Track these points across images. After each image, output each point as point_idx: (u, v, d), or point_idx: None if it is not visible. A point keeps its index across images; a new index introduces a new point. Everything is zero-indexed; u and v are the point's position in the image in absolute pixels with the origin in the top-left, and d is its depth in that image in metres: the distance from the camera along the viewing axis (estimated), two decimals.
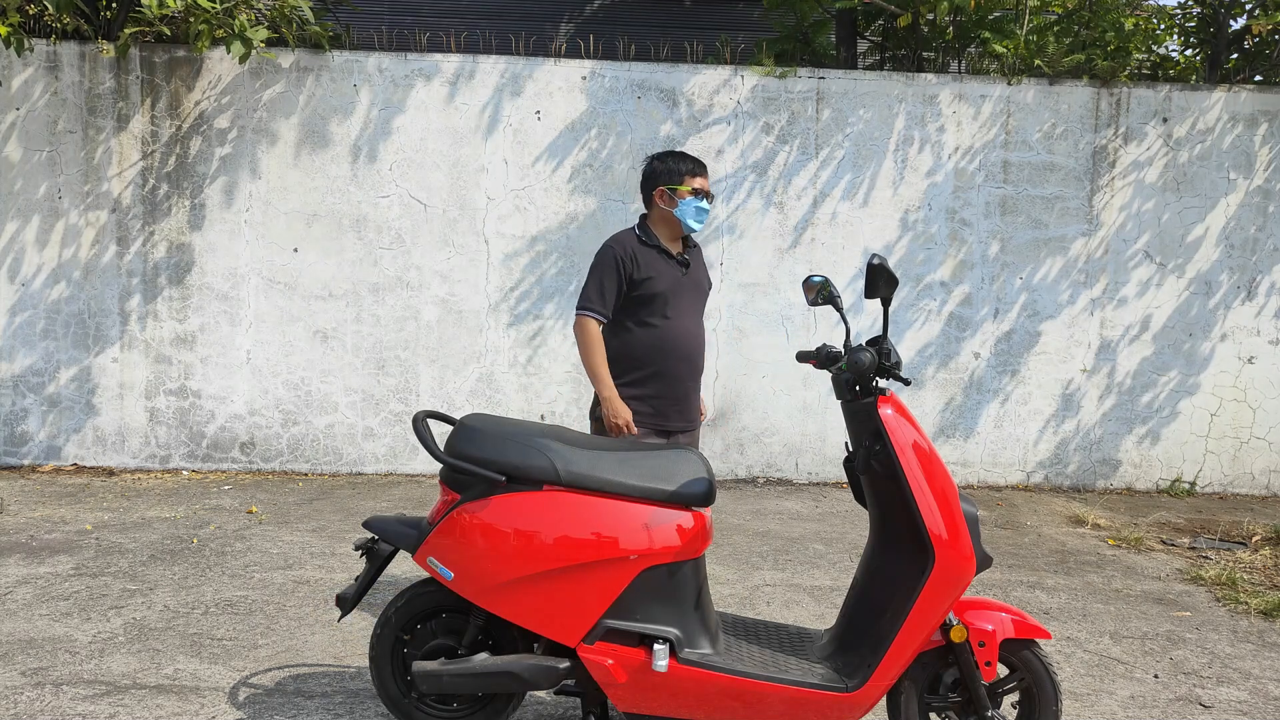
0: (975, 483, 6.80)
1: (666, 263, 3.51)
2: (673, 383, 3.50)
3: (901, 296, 6.66)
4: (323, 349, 6.50)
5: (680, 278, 3.53)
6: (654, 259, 3.49)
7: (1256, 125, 6.66)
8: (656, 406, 3.49)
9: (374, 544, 2.96)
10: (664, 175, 3.54)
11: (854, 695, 2.62)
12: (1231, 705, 3.44)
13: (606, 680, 2.63)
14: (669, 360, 3.48)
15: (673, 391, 3.50)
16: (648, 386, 3.48)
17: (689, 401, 3.57)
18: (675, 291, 3.50)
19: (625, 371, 3.48)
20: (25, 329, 6.39)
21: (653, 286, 3.45)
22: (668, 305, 3.48)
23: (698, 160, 3.60)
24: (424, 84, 6.43)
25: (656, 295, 3.46)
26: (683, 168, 3.54)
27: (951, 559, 2.57)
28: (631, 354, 3.48)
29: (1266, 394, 6.81)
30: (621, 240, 3.52)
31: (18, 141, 6.31)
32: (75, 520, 5.24)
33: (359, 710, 3.14)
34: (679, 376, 3.50)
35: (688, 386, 3.55)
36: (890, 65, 7.53)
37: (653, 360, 3.47)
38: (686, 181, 3.52)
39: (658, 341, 3.47)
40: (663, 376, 3.48)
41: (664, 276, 3.48)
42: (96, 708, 3.10)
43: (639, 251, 3.48)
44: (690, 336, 3.54)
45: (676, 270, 3.53)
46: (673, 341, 3.48)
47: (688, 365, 3.52)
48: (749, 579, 4.62)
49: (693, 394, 3.58)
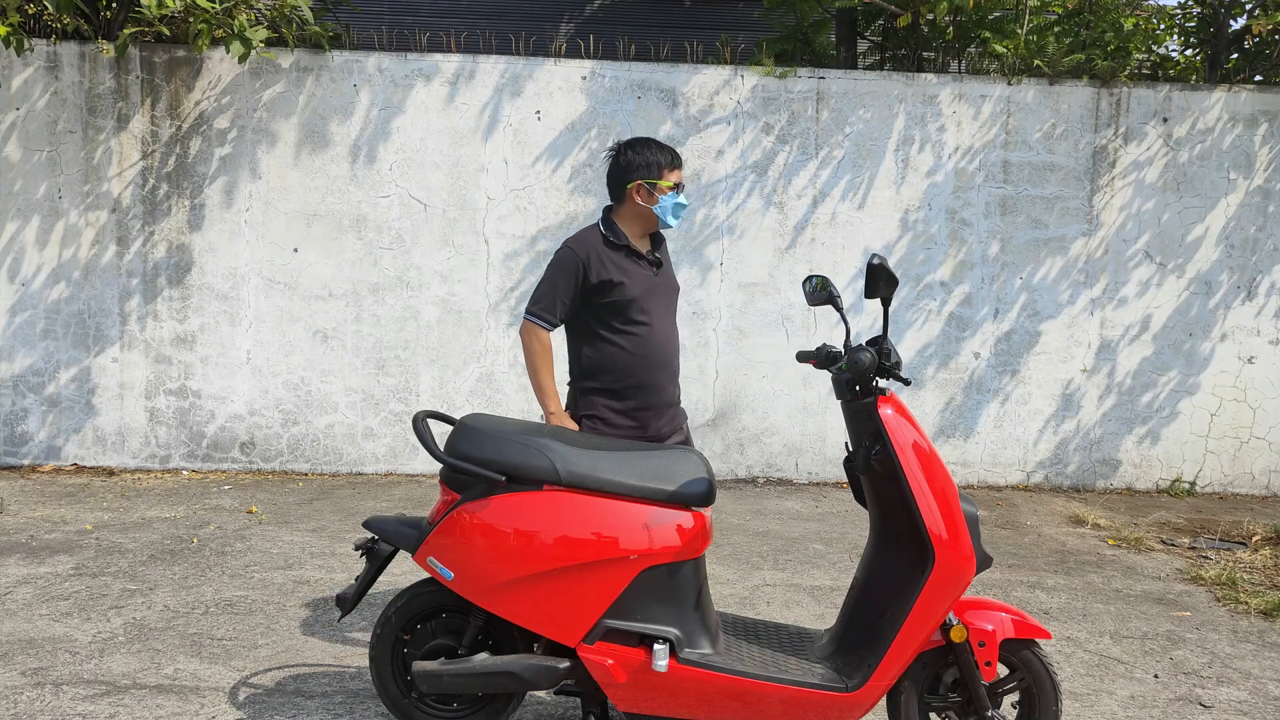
0: (975, 483, 6.80)
1: (637, 264, 3.24)
2: (654, 391, 3.27)
3: (901, 296, 6.66)
4: (323, 349, 6.50)
5: (653, 279, 3.28)
6: (622, 261, 3.22)
7: (1256, 125, 6.66)
8: (640, 418, 3.26)
9: (374, 544, 2.96)
10: (641, 168, 3.22)
11: (854, 695, 2.62)
12: (1231, 705, 3.44)
13: (606, 680, 2.63)
14: (650, 369, 3.25)
15: (655, 400, 3.28)
16: (631, 399, 3.25)
17: (673, 407, 3.37)
18: (649, 295, 3.25)
19: (607, 384, 3.25)
20: (25, 329, 6.39)
21: (624, 292, 3.19)
22: (643, 310, 3.23)
23: (674, 151, 3.31)
24: (424, 84, 6.43)
25: (631, 301, 3.20)
26: (662, 159, 3.24)
27: (951, 559, 2.57)
28: (612, 366, 3.24)
29: (1266, 394, 6.81)
30: (585, 241, 3.23)
31: (18, 141, 6.31)
32: (75, 520, 5.24)
33: (359, 710, 3.14)
34: (660, 385, 3.28)
35: (670, 393, 3.34)
36: (890, 65, 7.53)
37: (633, 371, 3.23)
38: (667, 176, 3.23)
39: (638, 350, 3.23)
40: (645, 387, 3.25)
41: (635, 280, 3.22)
42: (96, 708, 3.10)
43: (604, 254, 3.20)
44: (667, 341, 3.32)
45: (648, 271, 3.27)
46: (653, 349, 3.25)
47: (668, 372, 3.31)
48: (749, 579, 4.62)
49: (675, 399, 3.39)
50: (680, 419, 3.43)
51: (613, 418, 3.26)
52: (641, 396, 3.26)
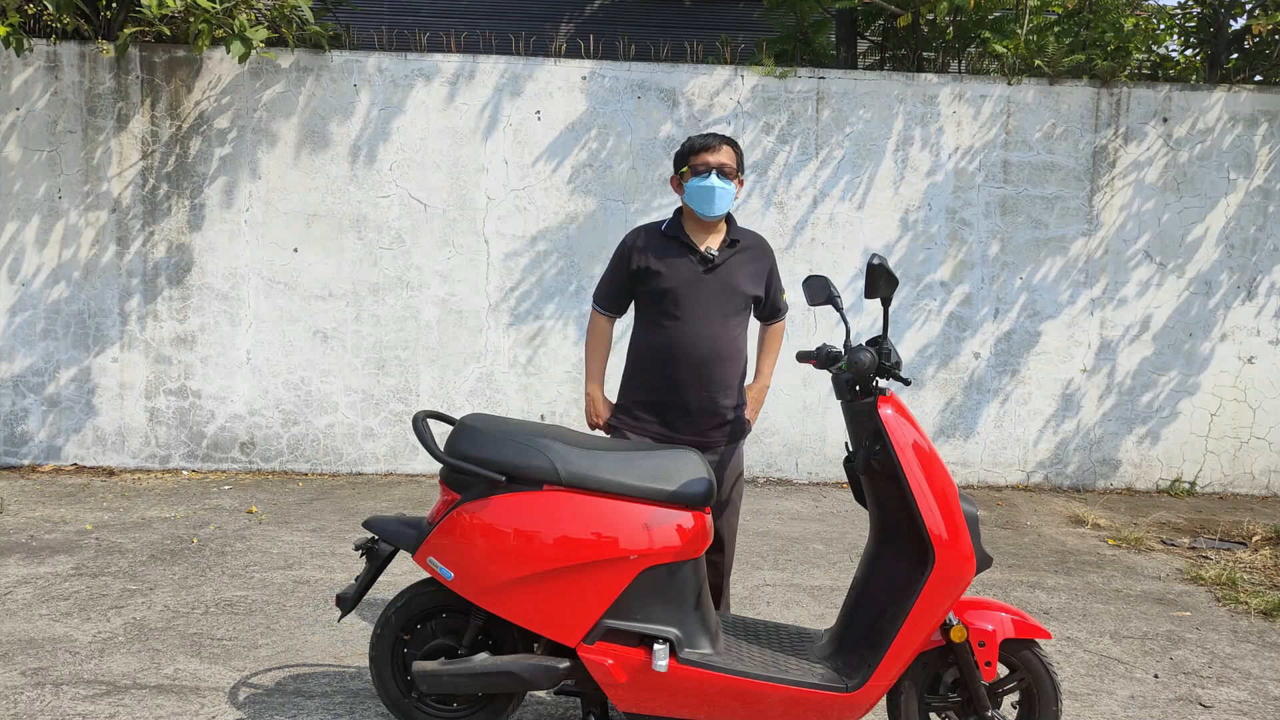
0: (975, 483, 6.80)
1: (684, 257, 3.16)
2: (679, 391, 3.15)
3: (901, 296, 6.66)
4: (323, 349, 6.50)
5: (699, 275, 3.16)
6: (668, 252, 3.17)
7: (1256, 125, 6.65)
8: (662, 416, 3.18)
9: (374, 544, 2.96)
10: (676, 160, 3.23)
11: (854, 695, 2.62)
12: (1231, 705, 3.43)
13: (606, 680, 2.63)
14: (675, 366, 3.14)
15: (680, 401, 3.16)
16: (654, 393, 3.18)
17: (703, 414, 3.18)
18: (689, 290, 3.14)
19: (634, 374, 3.25)
20: (25, 329, 6.39)
21: (660, 282, 3.15)
22: (678, 305, 3.14)
23: (715, 134, 3.19)
24: (424, 84, 6.43)
25: (666, 292, 3.14)
26: (693, 144, 3.17)
27: (951, 559, 2.57)
28: (640, 355, 3.23)
29: (1266, 394, 6.81)
30: (640, 229, 3.28)
31: (18, 142, 6.31)
32: (75, 520, 5.24)
33: (359, 710, 3.14)
34: (686, 384, 3.14)
35: (700, 397, 3.16)
36: (890, 65, 7.53)
37: (656, 365, 3.17)
38: (693, 161, 3.15)
39: (664, 344, 3.15)
40: (668, 384, 3.16)
41: (676, 272, 3.15)
42: (96, 708, 3.10)
43: (653, 243, 3.21)
44: (704, 342, 3.13)
45: (695, 267, 3.16)
46: (681, 346, 3.13)
47: (698, 373, 3.14)
48: (749, 579, 4.61)
49: (709, 406, 3.18)
50: (718, 438, 3.23)
51: (635, 409, 3.23)
52: (664, 394, 3.17)
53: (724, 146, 3.18)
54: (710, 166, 3.12)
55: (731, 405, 3.25)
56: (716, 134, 3.22)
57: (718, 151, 3.15)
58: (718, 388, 3.19)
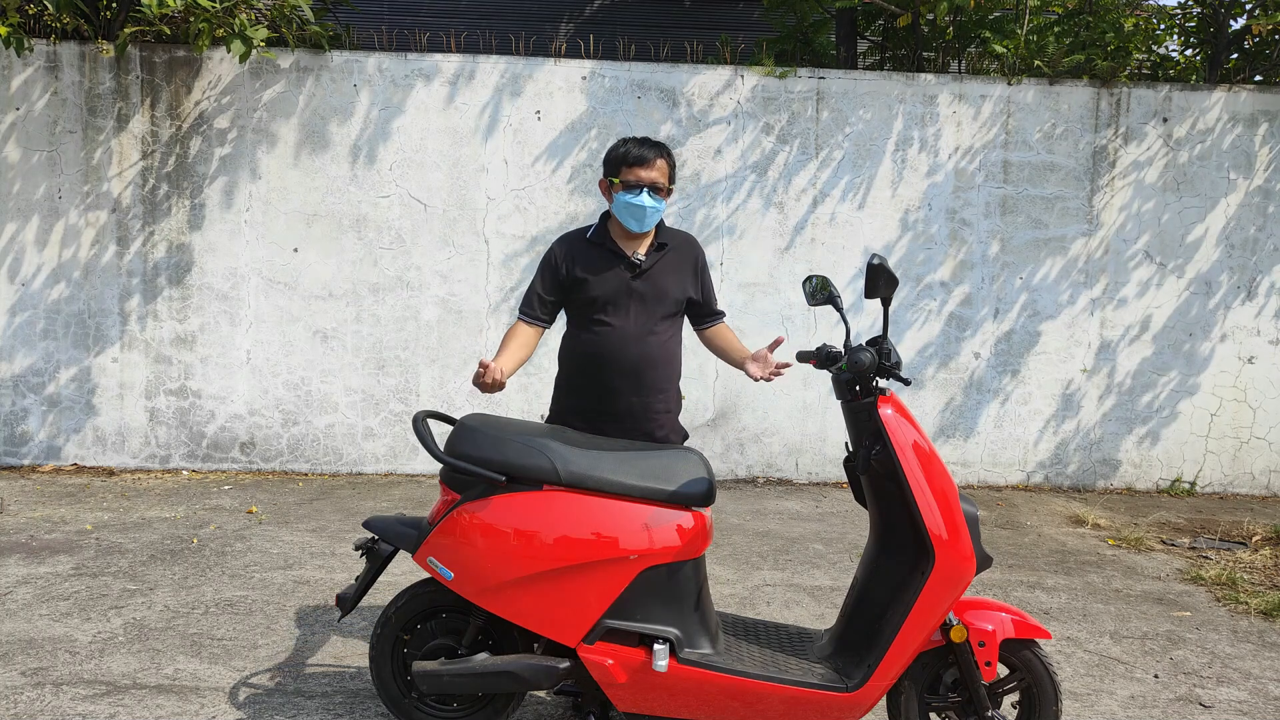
0: (975, 483, 6.80)
1: (611, 264, 3.12)
2: (608, 396, 3.11)
3: (901, 296, 6.66)
4: (323, 349, 6.50)
5: (627, 282, 3.11)
6: (595, 259, 3.13)
7: (1256, 125, 6.65)
8: (591, 420, 3.12)
9: (374, 544, 2.96)
10: (608, 164, 3.12)
11: (854, 695, 2.62)
12: (1231, 705, 3.43)
13: (606, 680, 2.63)
14: (603, 371, 3.10)
15: (609, 406, 3.12)
16: (582, 397, 3.16)
17: (633, 419, 3.13)
18: (618, 296, 3.10)
19: (565, 377, 3.22)
20: (25, 329, 6.39)
21: (588, 290, 3.10)
22: (606, 311, 3.11)
23: (652, 145, 3.08)
24: (424, 84, 6.43)
25: (594, 299, 3.10)
26: (628, 154, 3.07)
27: (951, 559, 2.57)
28: (571, 359, 3.20)
29: (1266, 394, 6.81)
30: (568, 238, 3.22)
31: (17, 142, 6.31)
32: (75, 520, 5.24)
33: (359, 710, 3.14)
34: (614, 389, 3.10)
35: (630, 403, 3.12)
36: (890, 65, 7.53)
37: (586, 369, 3.14)
38: (624, 173, 3.06)
39: (593, 350, 3.12)
40: (597, 388, 3.12)
41: (604, 280, 3.10)
42: (96, 708, 3.10)
43: (579, 250, 3.16)
44: (629, 345, 3.10)
45: (623, 274, 3.11)
46: (610, 350, 3.09)
47: (629, 380, 3.10)
48: (749, 579, 4.62)
49: (640, 411, 3.13)
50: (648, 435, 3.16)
51: (566, 415, 3.20)
52: (592, 398, 3.13)
53: (659, 160, 3.09)
54: (643, 184, 3.05)
55: (664, 410, 3.20)
56: (652, 144, 3.11)
57: (651, 167, 3.06)
58: (649, 391, 3.14)
